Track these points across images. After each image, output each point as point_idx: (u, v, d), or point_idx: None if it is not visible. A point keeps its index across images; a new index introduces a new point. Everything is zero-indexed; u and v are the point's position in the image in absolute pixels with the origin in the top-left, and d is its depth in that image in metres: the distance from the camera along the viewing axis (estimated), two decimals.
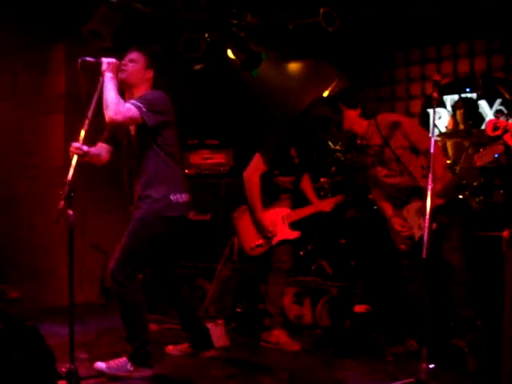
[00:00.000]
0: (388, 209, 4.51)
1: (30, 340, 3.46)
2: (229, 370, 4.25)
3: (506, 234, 3.47)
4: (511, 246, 3.45)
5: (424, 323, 3.68)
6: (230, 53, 6.77)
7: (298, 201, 5.11)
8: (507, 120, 3.30)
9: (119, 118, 3.88)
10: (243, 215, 4.90)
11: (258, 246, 4.88)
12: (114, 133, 4.24)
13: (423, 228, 4.08)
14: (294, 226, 4.96)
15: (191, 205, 4.30)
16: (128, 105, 3.93)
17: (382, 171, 4.47)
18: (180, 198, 4.11)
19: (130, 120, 3.94)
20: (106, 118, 3.88)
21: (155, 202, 4.03)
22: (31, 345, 3.44)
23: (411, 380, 3.52)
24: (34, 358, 3.37)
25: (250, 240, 4.91)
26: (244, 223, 4.92)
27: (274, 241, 4.91)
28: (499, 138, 3.38)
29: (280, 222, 4.95)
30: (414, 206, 4.32)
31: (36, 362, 3.37)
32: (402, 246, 4.43)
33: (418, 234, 4.29)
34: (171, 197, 4.06)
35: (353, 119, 4.48)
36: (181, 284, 4.44)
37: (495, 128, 3.29)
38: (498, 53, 6.52)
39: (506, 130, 3.28)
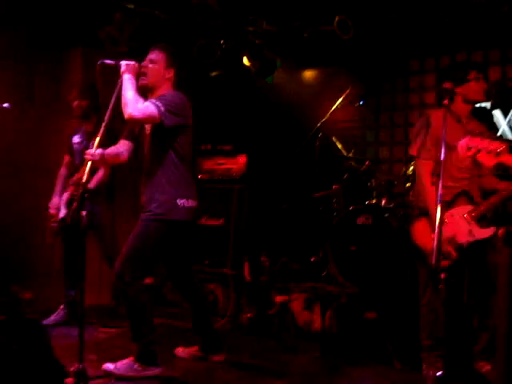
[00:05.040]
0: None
1: (32, 333, 3.49)
2: (238, 374, 4.26)
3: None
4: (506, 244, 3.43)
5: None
6: (245, 60, 6.81)
7: None
8: (480, 139, 3.24)
9: (138, 115, 3.90)
10: None
11: None
12: (132, 129, 4.26)
13: (474, 234, 3.93)
14: None
15: (198, 211, 4.30)
16: (147, 103, 3.95)
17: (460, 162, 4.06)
18: (186, 202, 4.12)
19: (149, 118, 3.95)
20: (125, 116, 3.91)
21: (161, 204, 4.06)
22: (33, 338, 3.46)
23: None
24: (36, 352, 3.39)
25: None
26: None
27: None
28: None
29: None
30: (461, 209, 4.01)
31: (38, 356, 3.39)
32: (445, 260, 3.90)
33: (467, 241, 3.95)
34: (177, 201, 4.07)
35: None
36: (197, 285, 4.47)
37: (468, 148, 3.25)
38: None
39: (478, 150, 3.23)
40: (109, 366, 4.03)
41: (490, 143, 3.17)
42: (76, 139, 5.51)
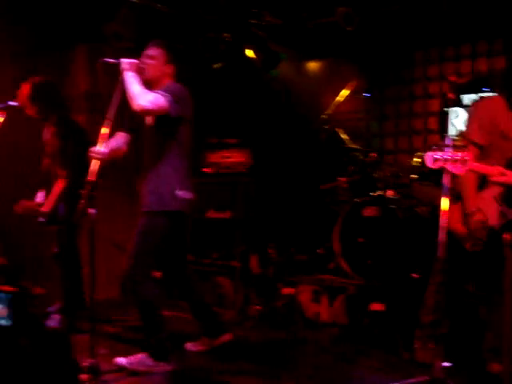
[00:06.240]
0: (472, 202, 3.89)
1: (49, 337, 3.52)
2: (247, 366, 4.31)
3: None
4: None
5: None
6: (248, 52, 6.82)
7: None
8: (443, 150, 3.30)
9: (149, 106, 3.91)
10: None
11: None
12: (132, 121, 4.27)
13: (507, 215, 3.78)
14: None
15: (194, 203, 4.31)
16: (156, 94, 3.97)
17: None
18: (184, 194, 4.15)
19: (160, 109, 3.97)
20: (135, 108, 3.91)
21: (162, 196, 4.09)
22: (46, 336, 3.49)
23: (426, 378, 3.55)
24: (49, 349, 3.41)
25: None
26: None
27: None
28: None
29: None
30: (492, 191, 3.83)
31: (52, 353, 3.42)
32: (475, 247, 3.88)
33: (498, 223, 3.80)
34: (176, 192, 4.11)
35: None
36: (189, 274, 4.51)
37: (435, 160, 3.31)
38: None
39: (445, 160, 3.30)
40: (121, 360, 4.07)
41: (455, 153, 3.27)
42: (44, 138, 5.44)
